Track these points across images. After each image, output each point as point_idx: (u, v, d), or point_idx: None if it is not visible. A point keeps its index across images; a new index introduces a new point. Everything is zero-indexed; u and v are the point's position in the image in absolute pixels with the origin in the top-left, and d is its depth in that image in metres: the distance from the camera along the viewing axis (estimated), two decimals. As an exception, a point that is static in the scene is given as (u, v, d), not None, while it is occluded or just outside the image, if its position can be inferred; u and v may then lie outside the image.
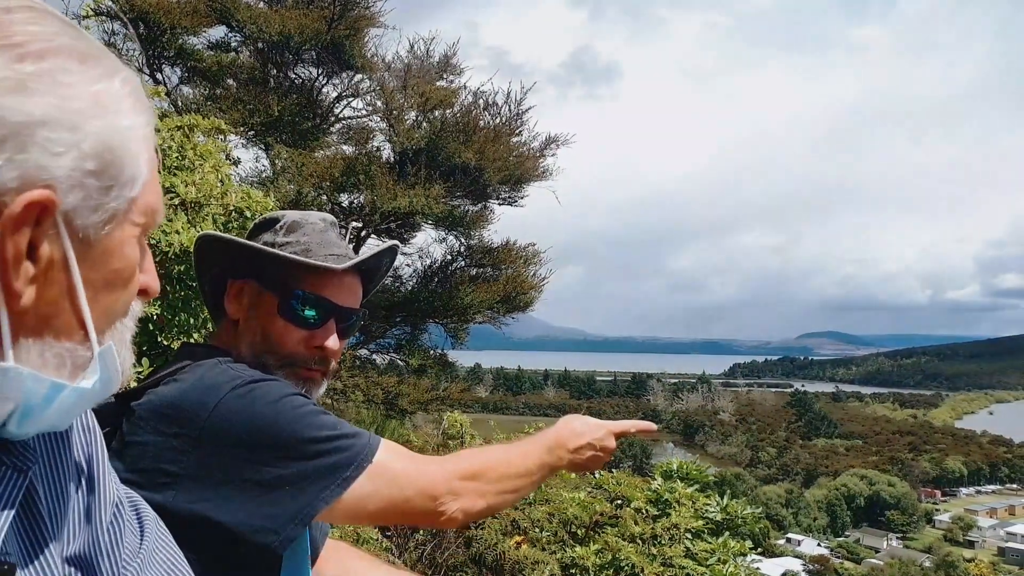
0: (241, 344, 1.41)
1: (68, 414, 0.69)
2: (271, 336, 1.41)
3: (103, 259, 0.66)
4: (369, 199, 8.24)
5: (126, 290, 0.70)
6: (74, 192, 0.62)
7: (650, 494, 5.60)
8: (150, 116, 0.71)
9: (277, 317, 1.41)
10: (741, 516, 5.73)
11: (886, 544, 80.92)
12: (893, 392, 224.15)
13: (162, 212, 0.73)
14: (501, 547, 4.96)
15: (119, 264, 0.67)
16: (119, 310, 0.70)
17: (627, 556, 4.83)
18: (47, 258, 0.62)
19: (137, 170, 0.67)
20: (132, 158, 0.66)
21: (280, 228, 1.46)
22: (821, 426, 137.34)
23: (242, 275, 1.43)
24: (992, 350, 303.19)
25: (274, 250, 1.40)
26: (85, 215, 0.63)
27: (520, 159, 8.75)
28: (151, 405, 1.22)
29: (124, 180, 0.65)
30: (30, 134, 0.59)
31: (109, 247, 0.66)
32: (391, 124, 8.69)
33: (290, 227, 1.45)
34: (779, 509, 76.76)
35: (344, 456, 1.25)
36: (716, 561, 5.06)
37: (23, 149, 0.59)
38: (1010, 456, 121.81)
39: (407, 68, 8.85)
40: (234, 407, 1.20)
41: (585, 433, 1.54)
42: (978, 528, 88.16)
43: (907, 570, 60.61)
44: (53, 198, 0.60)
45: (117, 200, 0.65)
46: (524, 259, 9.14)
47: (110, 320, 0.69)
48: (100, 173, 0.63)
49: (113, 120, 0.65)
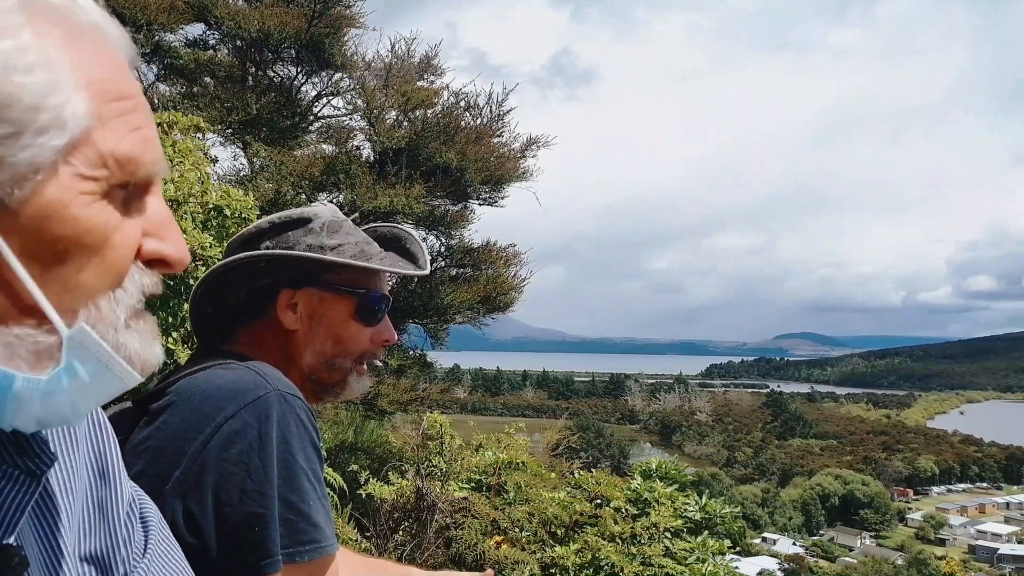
0: (304, 353, 1.40)
1: (50, 410, 0.59)
2: (344, 339, 1.42)
3: (37, 225, 0.54)
4: (349, 198, 8.21)
5: (97, 259, 0.57)
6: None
7: (629, 494, 5.63)
8: (82, 32, 0.57)
9: (351, 320, 1.42)
10: (719, 515, 5.77)
11: (860, 543, 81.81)
12: (867, 392, 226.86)
13: (150, 162, 0.60)
14: (481, 547, 4.96)
15: (64, 230, 0.55)
16: (95, 285, 0.58)
17: (607, 555, 4.85)
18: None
19: (60, 109, 0.54)
20: (42, 94, 0.53)
21: (321, 230, 1.42)
22: (796, 426, 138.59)
23: (299, 284, 1.41)
24: (964, 351, 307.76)
25: (370, 264, 1.41)
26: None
27: (501, 160, 8.76)
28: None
29: (40, 125, 0.53)
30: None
31: (40, 210, 0.53)
32: (371, 123, 8.66)
33: (331, 227, 1.43)
34: (755, 509, 77.34)
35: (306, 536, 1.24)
36: (695, 560, 5.10)
37: None
38: (980, 455, 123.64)
39: (388, 68, 8.82)
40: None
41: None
42: (949, 526, 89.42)
43: (880, 568, 61.36)
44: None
45: (31, 150, 0.52)
46: (504, 260, 9.15)
47: (84, 297, 0.57)
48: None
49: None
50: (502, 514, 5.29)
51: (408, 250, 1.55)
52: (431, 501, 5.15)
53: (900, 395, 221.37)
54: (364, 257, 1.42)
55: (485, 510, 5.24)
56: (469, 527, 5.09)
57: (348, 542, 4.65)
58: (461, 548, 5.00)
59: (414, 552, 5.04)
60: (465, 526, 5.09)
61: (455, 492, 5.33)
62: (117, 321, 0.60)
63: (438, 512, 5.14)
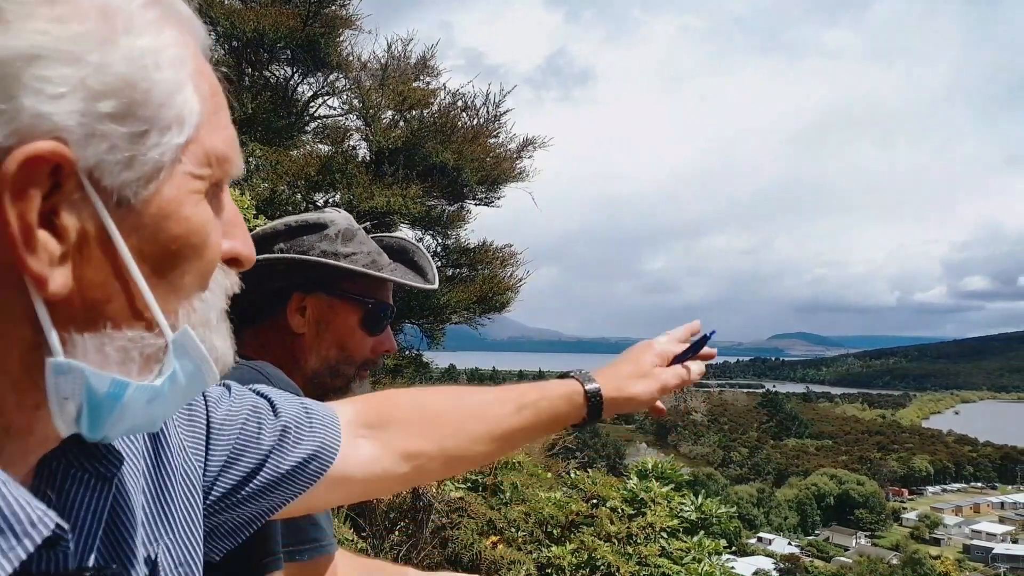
0: (308, 357, 1.41)
1: (150, 415, 0.58)
2: (348, 346, 1.43)
3: (155, 225, 0.53)
4: (345, 198, 8.20)
5: (199, 260, 0.56)
6: (93, 143, 0.49)
7: (625, 493, 5.63)
8: (191, 31, 0.57)
9: (358, 329, 1.44)
10: (715, 515, 5.78)
11: (855, 542, 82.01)
12: (862, 392, 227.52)
13: (238, 161, 0.60)
14: (477, 547, 4.96)
15: (178, 229, 0.54)
16: (193, 285, 0.57)
17: (603, 555, 4.85)
18: (77, 230, 0.50)
19: (182, 108, 0.53)
20: (169, 92, 0.52)
21: (336, 237, 1.44)
22: (792, 426, 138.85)
23: (311, 289, 1.42)
24: (958, 351, 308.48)
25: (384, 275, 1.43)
26: (116, 172, 0.50)
27: (497, 160, 8.77)
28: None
29: (164, 122, 0.52)
30: (15, 75, 0.46)
31: (160, 210, 0.53)
32: (368, 123, 8.65)
33: (345, 235, 1.44)
34: (750, 508, 77.45)
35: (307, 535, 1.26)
36: (691, 560, 5.10)
37: (10, 95, 0.46)
38: (975, 455, 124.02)
39: (384, 67, 8.82)
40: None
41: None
42: (944, 526, 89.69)
43: (875, 568, 61.48)
44: (63, 151, 0.48)
45: (158, 149, 0.52)
46: (501, 260, 9.15)
47: (183, 298, 0.57)
48: (123, 116, 0.50)
49: (130, 43, 0.51)
50: (498, 514, 5.29)
51: (416, 263, 1.57)
52: (427, 501, 5.14)
53: (895, 395, 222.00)
54: (376, 267, 1.44)
55: (481, 510, 5.23)
56: (465, 527, 5.08)
57: (344, 542, 4.64)
58: (457, 548, 5.00)
59: (410, 552, 5.04)
60: (461, 526, 5.09)
61: (451, 492, 5.33)
62: (209, 322, 0.60)
63: (434, 512, 5.14)
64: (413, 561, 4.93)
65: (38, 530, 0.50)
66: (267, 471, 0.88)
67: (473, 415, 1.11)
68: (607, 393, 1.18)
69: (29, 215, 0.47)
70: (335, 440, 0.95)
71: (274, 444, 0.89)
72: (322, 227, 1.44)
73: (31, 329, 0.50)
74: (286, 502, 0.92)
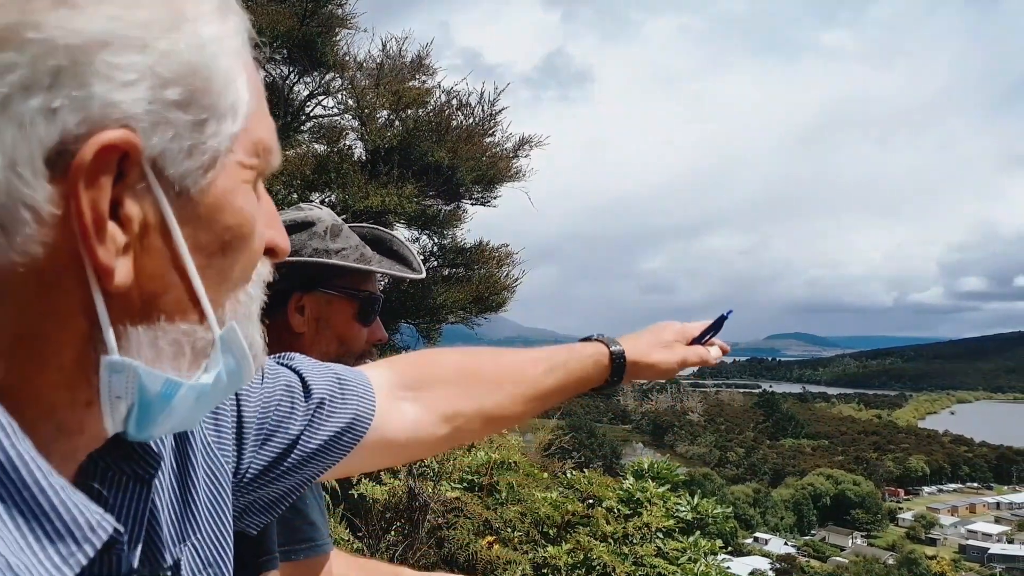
0: (310, 354, 1.42)
1: (195, 412, 0.57)
2: (347, 340, 1.47)
3: (210, 215, 0.52)
4: (341, 198, 8.19)
5: (247, 252, 0.56)
6: (159, 131, 0.48)
7: (622, 493, 5.63)
8: (242, 20, 0.56)
9: (355, 322, 1.48)
10: (711, 515, 5.78)
11: (851, 542, 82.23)
12: (858, 393, 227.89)
13: (278, 151, 0.59)
14: (473, 547, 4.95)
15: (231, 220, 0.53)
16: (240, 277, 0.56)
17: (599, 555, 4.85)
18: (139, 220, 0.49)
19: (236, 96, 0.53)
20: (227, 80, 0.52)
21: (324, 234, 1.46)
22: (788, 426, 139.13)
23: (309, 288, 1.45)
24: (954, 351, 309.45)
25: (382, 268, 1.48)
26: (178, 160, 0.50)
27: (493, 159, 8.76)
28: None
29: (221, 111, 0.51)
30: (87, 61, 0.45)
31: (215, 200, 0.52)
32: (363, 122, 8.65)
33: (333, 231, 1.47)
34: (747, 508, 77.58)
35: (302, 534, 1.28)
36: (687, 560, 5.10)
37: (83, 82, 0.45)
38: (971, 455, 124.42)
39: (379, 67, 8.81)
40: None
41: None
42: (940, 526, 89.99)
43: (871, 568, 61.65)
44: (133, 139, 0.47)
45: (216, 138, 0.51)
46: (497, 260, 9.14)
47: (230, 291, 0.56)
48: (188, 104, 0.49)
49: (193, 30, 0.50)
50: (494, 514, 5.29)
51: (397, 252, 1.60)
52: (423, 501, 5.14)
53: (891, 395, 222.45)
54: (364, 260, 1.48)
55: (477, 510, 5.23)
56: (461, 527, 5.08)
57: (340, 542, 4.64)
58: (453, 548, 4.99)
59: (406, 552, 5.03)
60: (457, 526, 5.09)
61: (447, 492, 5.32)
62: (251, 316, 0.59)
63: (430, 512, 5.13)
64: (409, 561, 4.92)
65: (97, 535, 0.49)
66: (300, 447, 0.88)
67: (509, 375, 1.12)
68: (630, 357, 1.20)
69: (101, 204, 0.47)
70: (369, 410, 0.95)
71: (308, 421, 0.89)
72: (310, 225, 1.46)
73: (87, 323, 0.49)
74: (320, 473, 0.92)
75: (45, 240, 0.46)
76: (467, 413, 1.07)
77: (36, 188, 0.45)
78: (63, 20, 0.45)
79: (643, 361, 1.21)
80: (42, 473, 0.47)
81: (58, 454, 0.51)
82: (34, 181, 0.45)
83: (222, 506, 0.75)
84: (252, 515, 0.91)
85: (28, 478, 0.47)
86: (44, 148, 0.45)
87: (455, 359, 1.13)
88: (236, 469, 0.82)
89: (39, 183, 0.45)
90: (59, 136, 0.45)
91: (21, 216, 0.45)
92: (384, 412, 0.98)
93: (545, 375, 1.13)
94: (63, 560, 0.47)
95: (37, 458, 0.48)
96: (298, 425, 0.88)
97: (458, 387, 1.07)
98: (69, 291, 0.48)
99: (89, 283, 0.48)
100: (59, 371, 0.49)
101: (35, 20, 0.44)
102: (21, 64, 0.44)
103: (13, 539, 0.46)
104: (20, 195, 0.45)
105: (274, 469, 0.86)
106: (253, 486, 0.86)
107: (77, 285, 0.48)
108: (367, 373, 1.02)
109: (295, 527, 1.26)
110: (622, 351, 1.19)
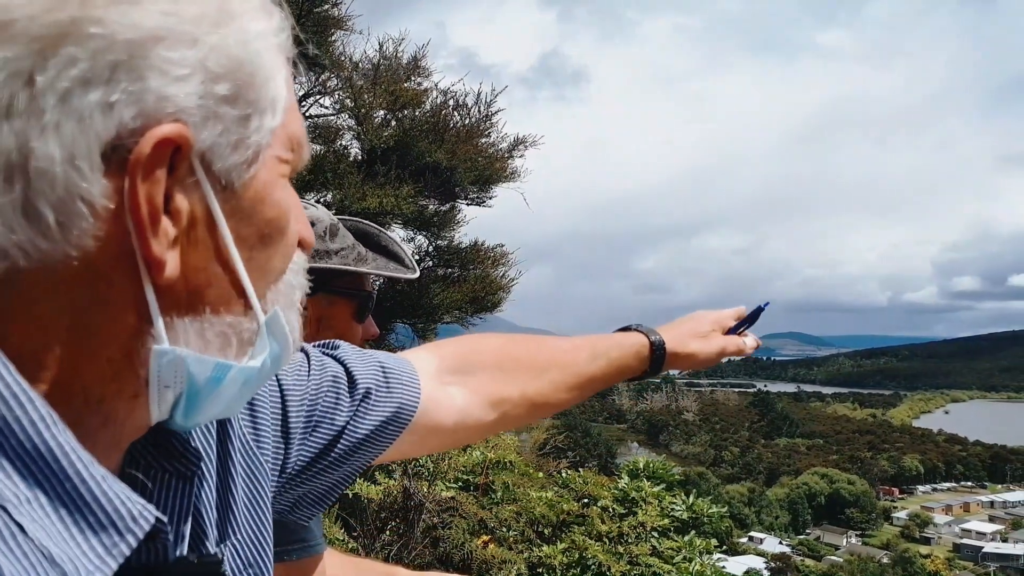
0: None
1: (239, 399, 0.58)
2: (346, 338, 1.46)
3: (252, 209, 0.53)
4: (337, 198, 8.18)
5: (284, 244, 0.57)
6: (209, 126, 0.49)
7: (617, 493, 5.65)
8: (284, 17, 0.56)
9: (353, 321, 1.50)
10: (706, 515, 5.80)
11: (845, 541, 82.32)
12: (853, 392, 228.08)
13: (308, 146, 0.60)
14: (469, 547, 4.96)
15: (272, 212, 0.55)
16: (279, 267, 0.58)
17: (594, 555, 4.86)
18: (188, 213, 0.50)
19: (277, 91, 0.53)
20: (269, 76, 0.52)
21: (324, 235, 1.47)
22: (783, 426, 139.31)
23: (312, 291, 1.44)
24: (948, 350, 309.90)
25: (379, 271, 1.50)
26: (226, 154, 0.50)
27: (489, 160, 8.75)
28: None
29: (264, 106, 0.52)
30: (143, 55, 0.46)
31: (256, 193, 0.53)
32: (360, 122, 8.64)
33: (331, 231, 1.48)
34: (742, 508, 77.67)
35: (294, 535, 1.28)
36: (682, 559, 5.12)
37: (139, 76, 0.46)
38: (965, 454, 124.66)
39: (375, 67, 8.80)
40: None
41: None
42: (934, 525, 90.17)
43: (865, 567, 61.72)
44: (186, 134, 0.48)
45: (259, 132, 0.52)
46: (493, 260, 9.14)
47: (271, 281, 0.57)
48: (235, 99, 0.50)
49: (242, 26, 0.51)
50: (489, 513, 5.30)
51: (386, 247, 1.60)
52: (418, 501, 5.14)
53: (886, 395, 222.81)
54: (362, 260, 1.50)
55: (472, 509, 5.24)
56: (456, 527, 5.09)
57: (335, 542, 4.64)
58: (448, 548, 5.00)
59: (401, 552, 5.04)
60: (452, 526, 5.10)
61: (442, 492, 5.33)
62: (293, 303, 0.60)
63: (425, 512, 5.14)
64: (404, 561, 4.93)
65: (139, 525, 0.49)
66: (346, 438, 0.89)
67: (553, 361, 1.11)
68: (670, 347, 1.20)
69: (157, 198, 0.47)
70: (415, 398, 0.96)
71: (353, 412, 0.90)
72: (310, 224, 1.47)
73: (136, 316, 0.50)
74: (368, 462, 0.93)
75: (98, 233, 0.47)
76: (513, 399, 1.07)
77: (93, 182, 0.46)
78: (122, 15, 0.45)
79: (682, 352, 1.21)
80: (83, 464, 0.48)
81: (102, 444, 0.52)
82: (91, 175, 0.46)
83: (261, 505, 0.74)
84: (304, 508, 0.93)
85: (69, 469, 0.47)
86: (101, 142, 0.46)
87: (499, 344, 1.13)
88: (283, 464, 0.82)
89: (96, 177, 0.46)
90: (116, 130, 0.46)
91: (78, 210, 0.46)
92: (433, 398, 0.98)
93: (588, 363, 1.13)
94: (106, 551, 0.47)
95: (79, 449, 0.48)
96: (344, 417, 0.88)
97: (504, 373, 1.07)
98: (120, 284, 0.49)
99: (139, 276, 0.49)
100: (109, 363, 0.50)
101: (96, 15, 0.45)
102: (82, 59, 0.45)
103: (56, 531, 0.46)
104: (78, 189, 0.46)
105: (321, 461, 0.87)
106: (301, 478, 0.87)
107: (127, 278, 0.49)
108: (412, 359, 1.02)
109: (287, 528, 1.26)
110: (662, 342, 1.19)
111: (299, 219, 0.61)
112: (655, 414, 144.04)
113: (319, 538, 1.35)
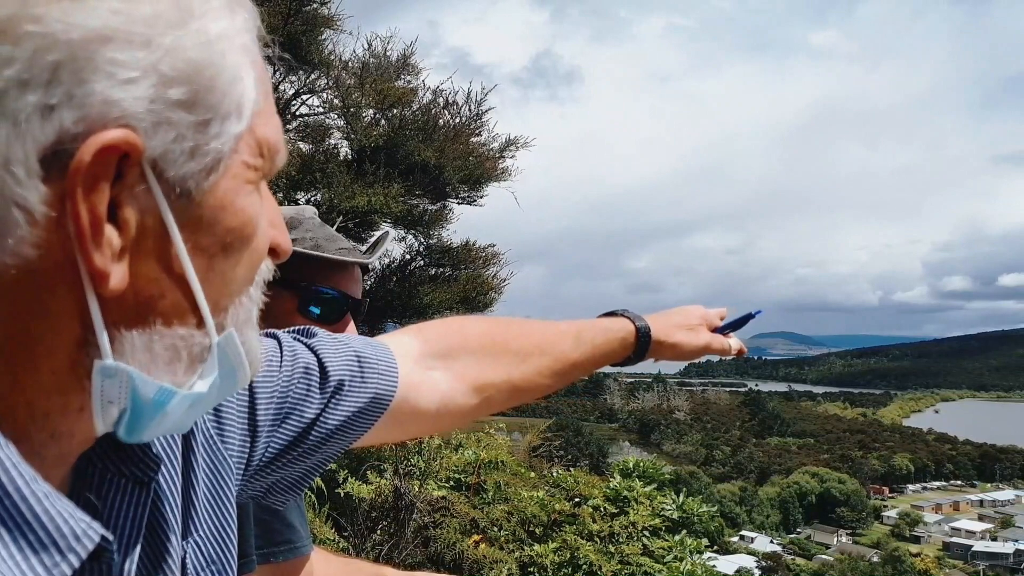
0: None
1: (186, 419, 0.56)
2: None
3: (212, 217, 0.50)
4: (327, 197, 8.16)
5: (250, 253, 0.54)
6: (160, 132, 0.46)
7: (608, 492, 5.65)
8: (251, 15, 0.53)
9: (297, 316, 1.40)
10: (697, 514, 5.81)
11: (836, 540, 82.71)
12: (844, 391, 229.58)
13: (284, 150, 0.57)
14: (460, 546, 4.95)
15: (234, 221, 0.52)
16: (243, 279, 0.55)
17: (585, 554, 4.86)
18: (137, 223, 0.47)
19: (242, 95, 0.50)
20: (232, 79, 0.50)
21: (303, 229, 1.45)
22: (774, 425, 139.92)
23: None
24: (938, 350, 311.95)
25: (315, 252, 1.40)
26: (180, 162, 0.48)
27: (480, 159, 8.74)
28: None
29: (226, 110, 0.49)
30: (88, 56, 0.43)
31: (218, 201, 0.50)
32: (348, 121, 8.62)
33: (291, 224, 1.43)
34: (733, 507, 77.90)
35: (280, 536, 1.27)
36: (673, 559, 5.12)
37: (82, 79, 0.43)
38: (955, 453, 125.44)
39: (364, 66, 8.78)
40: None
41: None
42: (924, 524, 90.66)
43: (856, 565, 61.98)
44: (133, 140, 0.45)
45: (220, 139, 0.49)
46: (484, 259, 9.13)
47: (233, 293, 0.54)
48: (191, 104, 0.47)
49: (200, 26, 0.48)
50: (481, 513, 5.29)
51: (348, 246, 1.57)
52: (409, 500, 5.13)
53: (876, 394, 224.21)
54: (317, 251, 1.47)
55: (464, 509, 5.23)
56: (448, 526, 5.07)
57: (325, 542, 4.62)
58: (439, 547, 4.99)
59: (392, 552, 5.02)
60: (444, 525, 5.08)
61: (433, 491, 5.32)
62: (251, 320, 0.57)
63: (416, 511, 5.12)
64: (395, 560, 4.91)
65: (82, 544, 0.47)
66: (318, 429, 0.87)
67: (537, 346, 1.10)
68: (655, 335, 1.19)
69: (99, 208, 0.45)
70: (391, 387, 0.94)
71: (324, 404, 0.87)
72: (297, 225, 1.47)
73: (80, 327, 0.47)
74: (342, 450, 0.92)
75: (38, 242, 0.45)
76: (496, 384, 1.05)
77: (30, 188, 0.43)
78: (64, 13, 0.43)
79: (667, 341, 1.20)
80: (25, 481, 0.46)
81: (49, 459, 0.50)
82: (28, 181, 0.43)
83: (224, 501, 0.73)
84: (278, 493, 0.91)
85: (9, 485, 0.45)
86: (39, 147, 0.43)
87: (483, 328, 1.10)
88: (250, 457, 0.80)
89: (33, 183, 0.44)
90: (55, 135, 0.43)
91: (13, 217, 0.44)
92: (415, 382, 0.96)
93: (572, 349, 1.12)
94: (46, 571, 0.45)
95: (21, 464, 0.46)
96: (314, 409, 0.86)
97: (487, 357, 1.05)
98: (62, 294, 0.46)
99: (83, 286, 0.46)
100: (52, 375, 0.48)
101: (35, 13, 0.42)
102: (18, 59, 0.42)
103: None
104: (12, 195, 0.43)
105: (292, 451, 0.86)
106: (272, 468, 0.85)
107: (71, 288, 0.46)
108: (393, 342, 1.00)
109: (273, 529, 1.25)
110: (648, 328, 1.18)
111: (274, 225, 0.58)
112: (647, 413, 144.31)
113: (306, 539, 1.34)
